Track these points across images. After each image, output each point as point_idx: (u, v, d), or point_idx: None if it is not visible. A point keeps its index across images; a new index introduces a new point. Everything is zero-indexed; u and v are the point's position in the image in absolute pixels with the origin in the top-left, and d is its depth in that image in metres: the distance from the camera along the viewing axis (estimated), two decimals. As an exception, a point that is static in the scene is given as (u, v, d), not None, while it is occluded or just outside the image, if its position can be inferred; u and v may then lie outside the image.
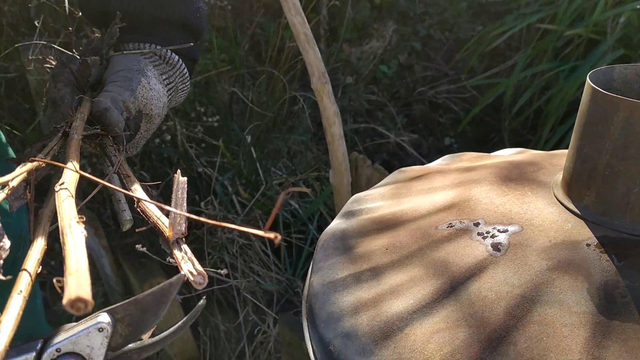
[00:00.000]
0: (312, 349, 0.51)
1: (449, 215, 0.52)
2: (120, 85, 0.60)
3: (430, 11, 2.34)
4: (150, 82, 0.62)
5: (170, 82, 0.66)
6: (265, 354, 1.39)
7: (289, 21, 0.94)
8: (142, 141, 0.64)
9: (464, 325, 0.43)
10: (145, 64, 0.64)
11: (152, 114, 0.63)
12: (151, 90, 0.62)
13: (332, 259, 0.55)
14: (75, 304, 0.26)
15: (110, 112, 0.57)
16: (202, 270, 0.37)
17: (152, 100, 0.62)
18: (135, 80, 0.61)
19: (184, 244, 0.39)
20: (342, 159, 1.03)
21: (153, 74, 0.63)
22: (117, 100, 0.59)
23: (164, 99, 0.64)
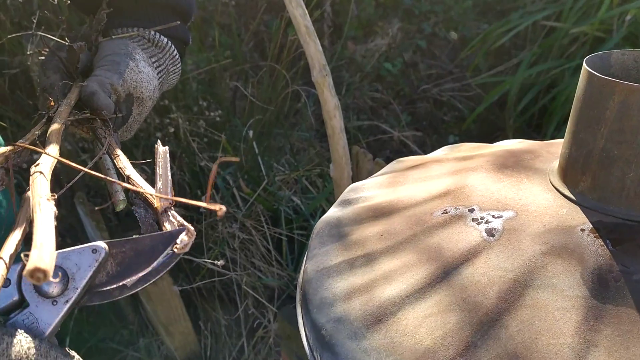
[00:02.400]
0: (305, 334, 0.50)
1: (444, 202, 0.52)
2: (108, 69, 0.60)
3: (436, 9, 2.33)
4: (139, 65, 0.63)
5: (160, 65, 0.66)
6: (266, 348, 1.38)
7: (290, 13, 0.94)
8: (136, 125, 0.65)
9: (456, 309, 0.42)
10: (133, 47, 0.64)
11: (142, 96, 0.63)
12: (140, 73, 0.62)
13: (326, 246, 0.54)
14: (35, 274, 0.27)
15: (97, 96, 0.57)
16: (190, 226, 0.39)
17: (141, 82, 0.62)
18: (124, 64, 0.61)
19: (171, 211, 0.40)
20: (343, 152, 1.03)
21: (142, 57, 0.64)
22: (105, 83, 0.59)
23: (155, 81, 0.65)
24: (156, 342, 1.51)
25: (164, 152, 0.44)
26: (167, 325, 1.40)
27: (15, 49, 1.54)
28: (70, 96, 0.56)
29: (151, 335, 1.53)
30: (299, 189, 1.66)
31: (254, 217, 1.44)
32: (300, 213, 1.59)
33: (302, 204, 1.58)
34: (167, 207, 0.41)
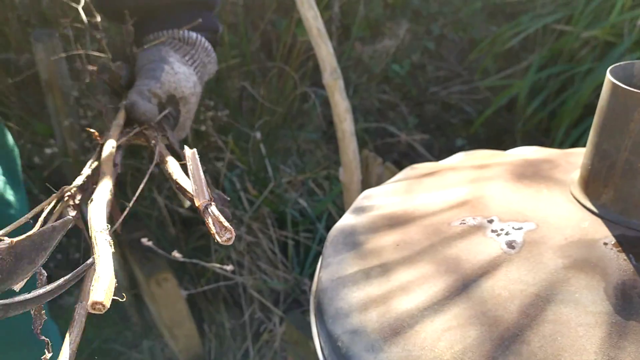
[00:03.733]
0: (319, 345, 0.50)
1: (462, 212, 0.51)
2: (145, 77, 0.64)
3: (445, 10, 2.32)
4: (173, 66, 0.65)
5: (195, 61, 0.69)
6: (271, 352, 1.38)
7: (301, 15, 0.93)
8: (188, 122, 0.69)
9: (476, 323, 0.41)
10: (166, 51, 0.67)
11: (184, 95, 0.66)
12: (176, 74, 0.65)
13: (341, 254, 0.54)
14: (95, 306, 0.33)
15: (136, 104, 0.61)
16: (229, 226, 0.40)
17: (180, 82, 0.65)
18: (159, 69, 0.64)
19: (211, 208, 0.42)
20: (353, 156, 1.02)
21: (175, 58, 0.66)
22: (143, 91, 0.63)
23: (192, 77, 0.67)
24: (159, 345, 1.51)
25: (192, 154, 0.46)
26: (171, 327, 1.39)
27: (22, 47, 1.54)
28: (118, 116, 0.61)
29: (154, 337, 1.52)
30: (305, 191, 1.65)
31: (260, 219, 1.43)
32: (307, 216, 1.58)
33: (309, 207, 1.58)
34: (207, 204, 0.42)
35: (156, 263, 1.30)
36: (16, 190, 0.81)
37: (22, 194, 0.84)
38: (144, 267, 1.30)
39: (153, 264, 1.30)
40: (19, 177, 0.85)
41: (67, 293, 1.58)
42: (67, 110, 1.23)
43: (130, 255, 1.34)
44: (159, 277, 1.28)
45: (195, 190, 0.44)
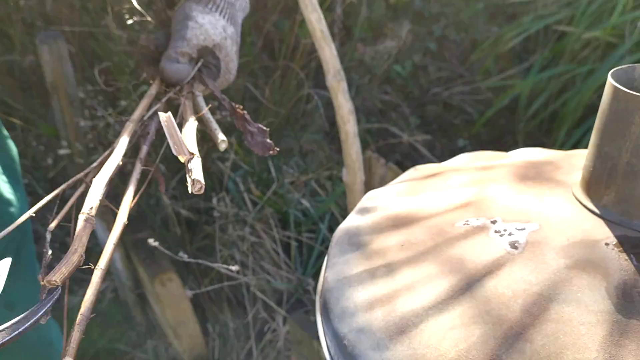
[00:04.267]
0: (325, 344, 0.50)
1: (466, 213, 0.52)
2: (173, 40, 0.69)
3: (446, 11, 2.33)
4: (197, 20, 0.69)
5: (218, 6, 0.71)
6: (274, 352, 1.38)
7: (305, 18, 0.94)
8: (231, 64, 0.72)
9: (480, 322, 0.42)
10: (189, 6, 0.70)
11: (216, 42, 0.69)
12: (202, 26, 0.68)
13: (346, 254, 0.54)
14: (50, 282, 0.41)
15: (164, 69, 0.67)
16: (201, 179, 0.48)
17: (207, 32, 0.69)
18: (184, 28, 0.68)
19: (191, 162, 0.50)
20: (356, 157, 1.03)
21: (198, 11, 0.69)
22: (170, 54, 0.68)
23: (220, 22, 0.70)
24: (163, 344, 1.52)
25: (166, 118, 0.52)
26: (175, 327, 1.40)
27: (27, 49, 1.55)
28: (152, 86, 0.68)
29: (158, 337, 1.53)
30: (308, 192, 1.66)
31: (263, 220, 1.44)
32: (309, 216, 1.59)
33: (311, 207, 1.58)
34: (189, 159, 0.50)
35: (160, 263, 1.31)
36: (16, 188, 0.82)
37: (22, 192, 0.85)
38: (148, 267, 1.31)
39: (157, 264, 1.31)
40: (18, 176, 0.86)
41: (70, 292, 1.59)
42: (72, 111, 1.24)
43: (135, 255, 1.35)
44: (164, 277, 1.29)
45: (176, 150, 0.51)
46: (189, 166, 0.50)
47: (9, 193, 0.80)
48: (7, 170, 0.82)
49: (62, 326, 1.05)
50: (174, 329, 1.39)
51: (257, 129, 0.64)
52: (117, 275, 1.47)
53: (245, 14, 0.76)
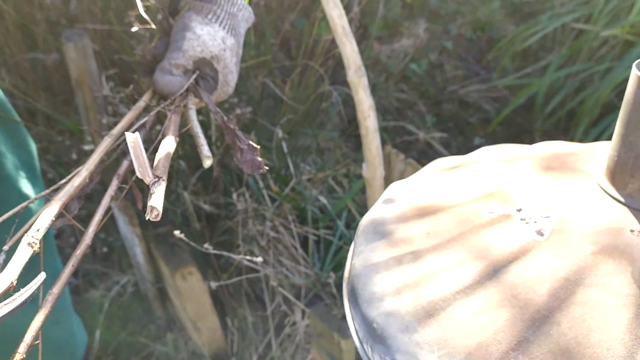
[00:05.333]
0: (354, 328, 0.52)
1: (491, 202, 0.53)
2: (169, 51, 0.67)
3: (463, 10, 2.33)
4: (195, 31, 0.67)
5: (218, 17, 0.69)
6: (293, 346, 1.40)
7: (327, 14, 0.96)
8: (229, 76, 0.71)
9: (507, 305, 0.43)
10: (188, 17, 0.68)
11: (213, 54, 0.68)
12: (199, 37, 0.67)
13: (373, 243, 0.56)
14: None
15: (156, 81, 0.65)
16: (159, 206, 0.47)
17: (205, 44, 0.67)
18: (181, 39, 0.67)
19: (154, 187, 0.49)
20: (376, 152, 1.04)
21: (197, 21, 0.68)
22: (164, 66, 0.66)
23: (219, 34, 0.68)
24: (183, 338, 1.54)
25: (134, 139, 0.49)
26: (195, 320, 1.42)
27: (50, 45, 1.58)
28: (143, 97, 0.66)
29: (178, 330, 1.55)
30: (325, 189, 1.68)
31: (282, 215, 1.45)
32: (326, 213, 1.60)
33: (329, 204, 1.60)
34: (153, 182, 0.49)
35: (181, 257, 1.33)
36: (34, 184, 0.84)
37: (41, 187, 0.86)
38: (169, 261, 1.33)
39: (178, 258, 1.33)
40: (37, 172, 0.87)
41: (91, 286, 1.62)
42: (95, 107, 1.26)
43: (156, 249, 1.38)
44: (184, 271, 1.31)
45: (141, 172, 0.50)
46: (151, 190, 0.48)
47: (28, 189, 0.81)
48: (27, 167, 0.84)
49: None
50: (194, 322, 1.41)
51: (247, 146, 0.62)
52: (138, 269, 1.50)
53: (249, 24, 0.75)
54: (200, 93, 0.68)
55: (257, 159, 0.62)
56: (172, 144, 0.57)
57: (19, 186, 0.79)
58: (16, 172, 0.80)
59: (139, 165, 0.49)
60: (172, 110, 0.64)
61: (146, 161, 0.50)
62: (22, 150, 0.84)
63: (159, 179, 0.49)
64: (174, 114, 0.64)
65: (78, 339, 1.05)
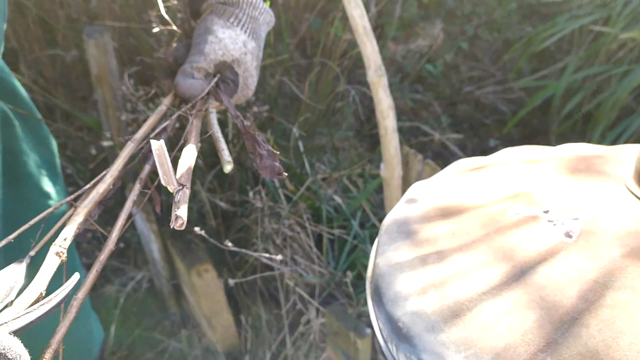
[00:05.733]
0: (378, 327, 0.52)
1: (516, 203, 0.53)
2: (191, 54, 0.67)
3: (479, 11, 2.32)
4: (217, 34, 0.67)
5: (240, 20, 0.70)
6: (307, 344, 1.40)
7: (348, 14, 0.96)
8: (249, 80, 0.71)
9: (535, 307, 0.43)
10: (210, 20, 0.68)
11: (235, 57, 0.68)
12: (221, 41, 0.67)
13: (396, 242, 0.56)
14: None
15: (177, 84, 0.66)
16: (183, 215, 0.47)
17: (226, 47, 0.68)
18: (203, 42, 0.67)
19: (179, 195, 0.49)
20: (395, 152, 1.04)
21: (219, 25, 0.68)
22: (186, 69, 0.66)
23: (241, 37, 0.69)
24: (197, 334, 1.55)
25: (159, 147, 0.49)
26: (209, 317, 1.43)
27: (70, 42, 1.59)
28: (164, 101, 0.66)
29: (192, 327, 1.56)
30: (340, 188, 1.68)
31: (298, 214, 1.46)
32: (341, 212, 1.60)
33: (343, 203, 1.60)
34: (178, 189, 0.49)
35: (197, 254, 1.34)
36: (55, 182, 0.84)
37: (61, 185, 0.87)
38: (185, 258, 1.34)
39: (194, 255, 1.34)
40: (57, 170, 0.88)
41: (107, 282, 1.63)
42: (114, 104, 1.27)
43: (172, 246, 1.38)
44: (200, 268, 1.31)
45: (165, 180, 0.49)
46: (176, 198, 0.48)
47: (48, 186, 0.82)
48: (48, 165, 0.84)
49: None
50: (209, 319, 1.41)
51: (267, 152, 0.62)
52: (153, 265, 1.51)
53: (269, 27, 0.75)
54: (221, 96, 0.68)
55: (276, 164, 0.62)
56: (194, 152, 0.57)
57: (40, 184, 0.80)
58: (38, 170, 0.80)
59: (163, 173, 0.49)
60: (194, 114, 0.65)
61: (171, 169, 0.50)
62: (44, 148, 0.85)
63: (183, 187, 0.49)
64: (195, 118, 0.64)
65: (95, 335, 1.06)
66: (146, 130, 0.62)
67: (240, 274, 1.46)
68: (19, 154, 0.77)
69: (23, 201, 0.76)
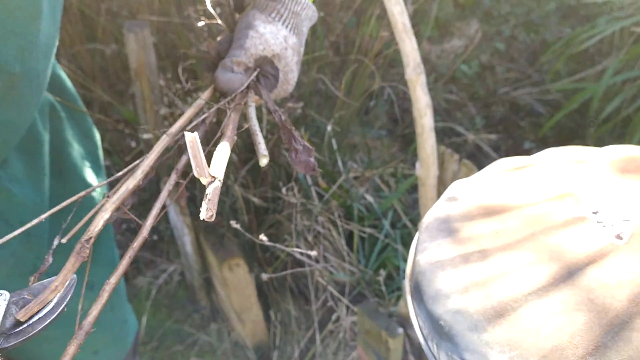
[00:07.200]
0: (417, 324, 0.51)
1: (564, 204, 0.51)
2: (232, 48, 0.67)
3: (516, 11, 2.29)
4: (258, 29, 0.67)
5: (282, 15, 0.69)
6: (335, 342, 1.40)
7: (388, 11, 0.95)
8: (290, 75, 0.70)
9: (584, 309, 0.42)
10: (252, 15, 0.68)
11: (275, 52, 0.68)
12: (262, 36, 0.67)
13: (437, 240, 0.55)
14: None
15: (217, 78, 0.66)
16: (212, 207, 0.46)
17: (267, 42, 0.67)
18: (244, 37, 0.67)
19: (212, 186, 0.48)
20: (431, 151, 1.03)
21: (260, 20, 0.68)
22: (226, 63, 0.66)
23: (282, 32, 0.68)
24: (227, 329, 1.56)
25: (192, 140, 0.49)
26: (239, 312, 1.43)
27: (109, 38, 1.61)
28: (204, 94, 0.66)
29: (222, 321, 1.57)
30: (371, 187, 1.67)
31: (329, 211, 1.46)
32: (372, 211, 1.60)
33: (375, 202, 1.59)
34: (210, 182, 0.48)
35: (229, 248, 1.35)
36: (97, 173, 0.85)
37: (103, 177, 0.88)
38: (218, 252, 1.35)
39: (226, 249, 1.35)
40: (100, 162, 0.89)
41: (139, 273, 1.66)
42: (152, 98, 1.29)
43: (205, 240, 1.39)
44: (232, 263, 1.32)
45: (198, 172, 0.49)
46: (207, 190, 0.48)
47: (92, 178, 0.83)
48: (91, 157, 0.86)
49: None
50: (238, 313, 1.42)
51: (302, 147, 0.62)
52: (185, 259, 1.52)
53: (312, 22, 0.74)
54: (261, 91, 0.68)
55: (311, 160, 0.62)
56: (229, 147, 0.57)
57: (84, 175, 0.81)
58: (82, 162, 0.81)
59: (196, 165, 0.49)
60: (232, 108, 0.65)
61: (204, 161, 0.50)
62: (88, 140, 0.86)
63: (214, 179, 0.49)
64: (233, 111, 0.64)
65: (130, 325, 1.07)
66: (182, 124, 0.63)
67: (270, 270, 1.46)
68: (65, 145, 0.78)
69: (67, 192, 0.77)
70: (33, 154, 0.69)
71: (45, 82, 0.65)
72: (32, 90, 0.60)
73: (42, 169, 0.70)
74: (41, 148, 0.70)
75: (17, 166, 0.66)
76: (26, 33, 0.54)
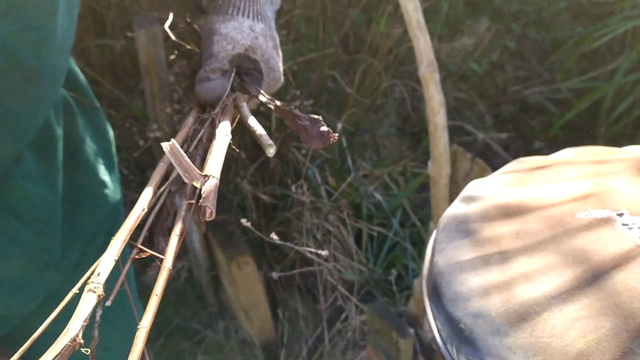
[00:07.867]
0: (436, 327, 0.50)
1: (587, 205, 0.50)
2: (203, 61, 0.65)
3: (527, 9, 2.27)
4: (220, 31, 0.65)
5: (239, 8, 0.67)
6: (344, 341, 1.39)
7: (402, 7, 0.94)
8: (271, 61, 0.68)
9: (610, 314, 0.41)
10: (210, 21, 0.66)
11: (246, 45, 0.66)
12: (227, 36, 0.65)
13: (455, 240, 0.54)
14: None
15: (196, 93, 0.63)
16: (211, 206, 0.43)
17: (234, 39, 0.65)
18: (209, 45, 0.65)
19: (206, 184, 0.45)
20: (444, 150, 1.02)
21: (219, 23, 0.66)
22: (200, 76, 0.63)
23: (244, 24, 0.66)
24: (234, 326, 1.55)
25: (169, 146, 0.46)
26: (247, 310, 1.43)
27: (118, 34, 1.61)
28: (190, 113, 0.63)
29: (229, 318, 1.57)
30: (380, 186, 1.66)
31: (338, 210, 1.45)
32: (381, 209, 1.59)
33: (384, 201, 1.58)
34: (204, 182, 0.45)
35: (238, 246, 1.34)
36: (110, 170, 0.84)
37: (116, 174, 0.87)
38: (226, 249, 1.34)
39: (235, 247, 1.34)
40: (113, 158, 0.88)
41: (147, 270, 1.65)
42: (162, 95, 1.28)
43: (213, 237, 1.39)
44: (240, 260, 1.31)
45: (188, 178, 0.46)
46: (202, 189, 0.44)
47: (104, 175, 0.82)
48: (104, 153, 0.85)
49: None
50: (246, 311, 1.41)
51: (309, 121, 0.57)
52: (193, 256, 1.52)
53: (276, 6, 0.72)
54: (247, 87, 0.65)
55: (324, 129, 0.57)
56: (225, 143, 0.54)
57: (97, 172, 0.80)
58: (95, 158, 0.80)
59: (183, 171, 0.46)
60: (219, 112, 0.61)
61: (190, 164, 0.47)
62: (101, 137, 0.85)
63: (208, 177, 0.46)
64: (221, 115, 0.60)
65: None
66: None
67: (279, 268, 1.46)
68: (78, 141, 0.78)
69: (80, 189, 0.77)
70: (47, 150, 0.68)
71: (62, 78, 0.64)
72: (48, 86, 0.59)
73: (55, 166, 0.70)
74: (55, 144, 0.70)
75: (31, 162, 0.65)
76: (43, 27, 0.53)
